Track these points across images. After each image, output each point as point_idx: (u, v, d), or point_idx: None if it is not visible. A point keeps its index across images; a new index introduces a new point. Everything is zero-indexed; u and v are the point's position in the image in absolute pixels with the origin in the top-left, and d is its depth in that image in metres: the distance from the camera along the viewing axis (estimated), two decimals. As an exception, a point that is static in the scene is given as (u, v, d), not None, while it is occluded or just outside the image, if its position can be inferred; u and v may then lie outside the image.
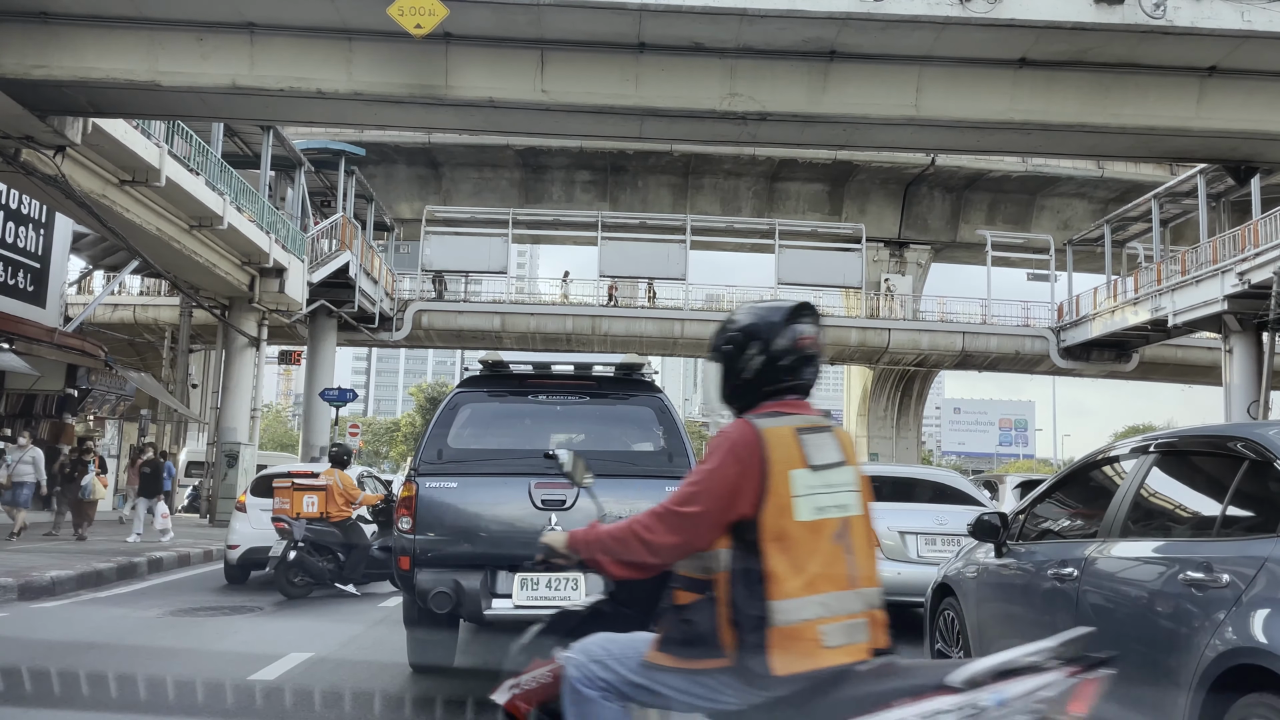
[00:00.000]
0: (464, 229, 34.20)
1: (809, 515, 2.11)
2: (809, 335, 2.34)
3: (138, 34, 12.15)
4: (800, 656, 2.00)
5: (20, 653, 6.50)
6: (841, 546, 2.15)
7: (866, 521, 2.27)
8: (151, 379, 25.39)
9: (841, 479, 2.20)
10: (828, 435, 2.23)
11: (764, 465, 2.10)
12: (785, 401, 2.29)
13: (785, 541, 2.07)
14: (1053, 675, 1.88)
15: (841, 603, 2.10)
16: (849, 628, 2.09)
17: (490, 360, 6.13)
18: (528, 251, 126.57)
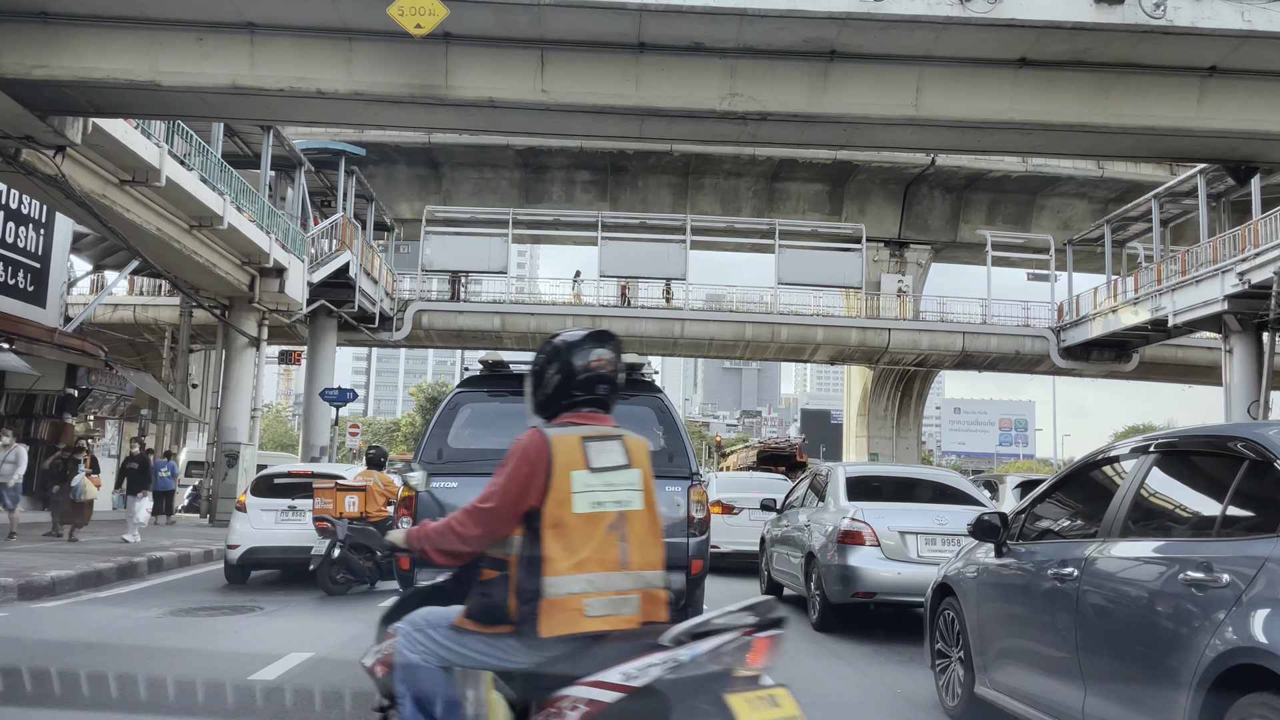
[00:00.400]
0: (464, 229, 34.21)
1: (585, 508, 2.54)
2: (603, 358, 2.76)
3: (138, 34, 12.15)
4: (564, 623, 2.45)
5: (20, 653, 6.50)
6: (616, 535, 2.56)
7: (647, 515, 2.64)
8: (151, 379, 25.40)
9: (623, 480, 2.61)
10: (614, 443, 2.67)
11: (549, 467, 2.54)
12: (580, 413, 2.74)
13: (561, 529, 2.51)
14: (733, 634, 2.35)
15: (608, 581, 2.52)
16: (613, 602, 2.51)
17: (490, 360, 6.14)
18: (528, 251, 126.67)
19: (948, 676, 5.30)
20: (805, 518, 9.44)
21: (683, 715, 2.27)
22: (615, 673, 2.32)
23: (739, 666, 2.35)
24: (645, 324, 32.63)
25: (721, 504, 13.30)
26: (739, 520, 13.29)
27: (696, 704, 2.27)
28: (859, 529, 8.03)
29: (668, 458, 5.77)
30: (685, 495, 5.53)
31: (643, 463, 2.69)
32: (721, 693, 2.30)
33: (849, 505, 8.49)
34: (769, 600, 2.53)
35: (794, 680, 6.38)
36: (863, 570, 7.89)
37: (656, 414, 5.93)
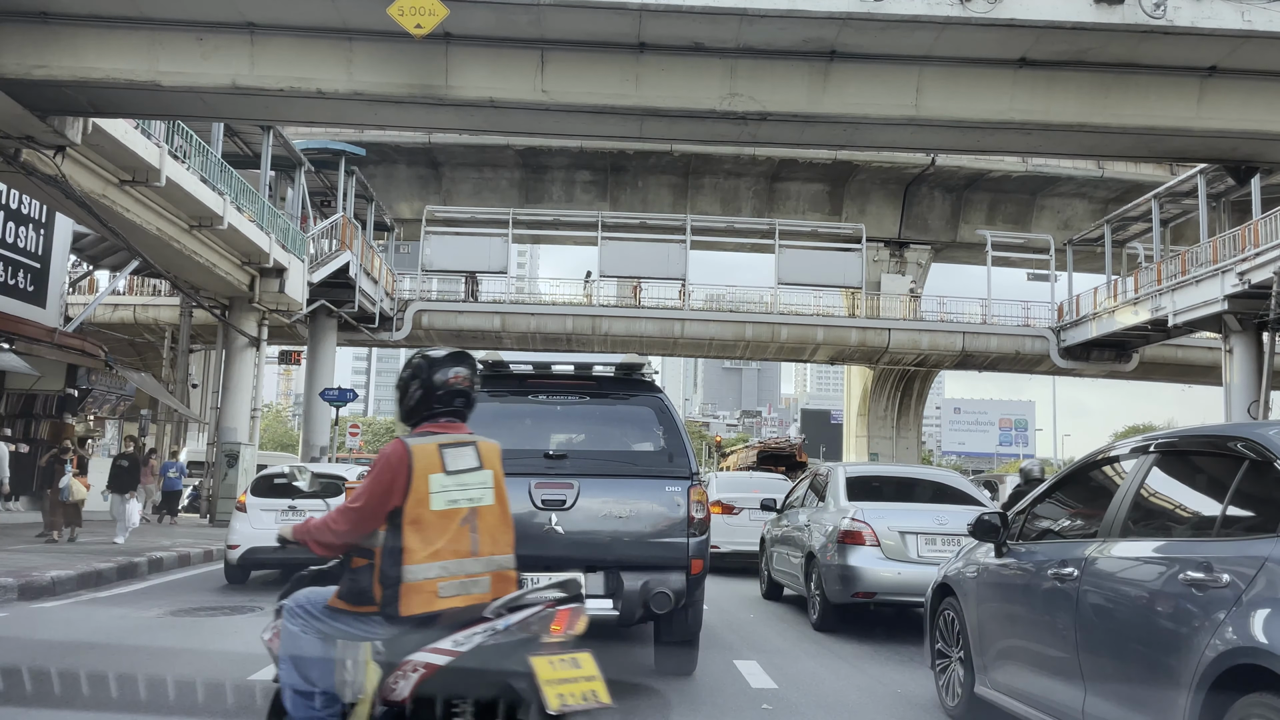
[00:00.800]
0: (464, 229, 34.22)
1: (441, 506, 2.96)
2: (460, 375, 3.17)
3: (138, 34, 12.15)
4: (420, 604, 2.88)
5: (20, 653, 6.50)
6: (468, 527, 2.99)
7: (498, 508, 3.10)
8: (151, 379, 25.39)
9: (475, 480, 3.04)
10: (468, 448, 3.07)
11: (409, 472, 2.94)
12: (439, 423, 3.14)
13: (420, 524, 2.92)
14: (539, 608, 2.84)
15: (460, 567, 2.95)
16: (464, 584, 2.95)
17: (490, 360, 6.13)
18: (528, 251, 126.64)
19: (948, 676, 5.30)
20: (805, 518, 9.44)
21: (498, 674, 2.75)
22: (448, 640, 2.78)
23: (545, 634, 2.83)
24: (645, 324, 32.63)
25: (721, 504, 13.30)
26: (739, 520, 13.29)
27: (508, 665, 2.76)
28: (859, 529, 8.03)
29: (668, 458, 5.77)
30: (685, 495, 5.52)
31: (494, 464, 3.14)
32: (528, 655, 2.76)
33: (849, 505, 8.49)
34: (574, 579, 3.08)
35: (794, 680, 6.40)
36: (863, 570, 7.89)
37: (656, 414, 5.92)
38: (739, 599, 10.69)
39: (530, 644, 2.80)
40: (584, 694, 2.75)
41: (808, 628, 8.58)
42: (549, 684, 2.69)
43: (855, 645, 7.67)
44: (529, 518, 5.38)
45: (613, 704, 2.88)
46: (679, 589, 5.40)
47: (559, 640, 2.85)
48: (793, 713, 5.37)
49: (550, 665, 2.75)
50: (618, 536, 5.43)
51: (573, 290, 35.77)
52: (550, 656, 2.78)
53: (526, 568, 5.34)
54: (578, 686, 2.76)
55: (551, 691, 2.69)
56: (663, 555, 5.44)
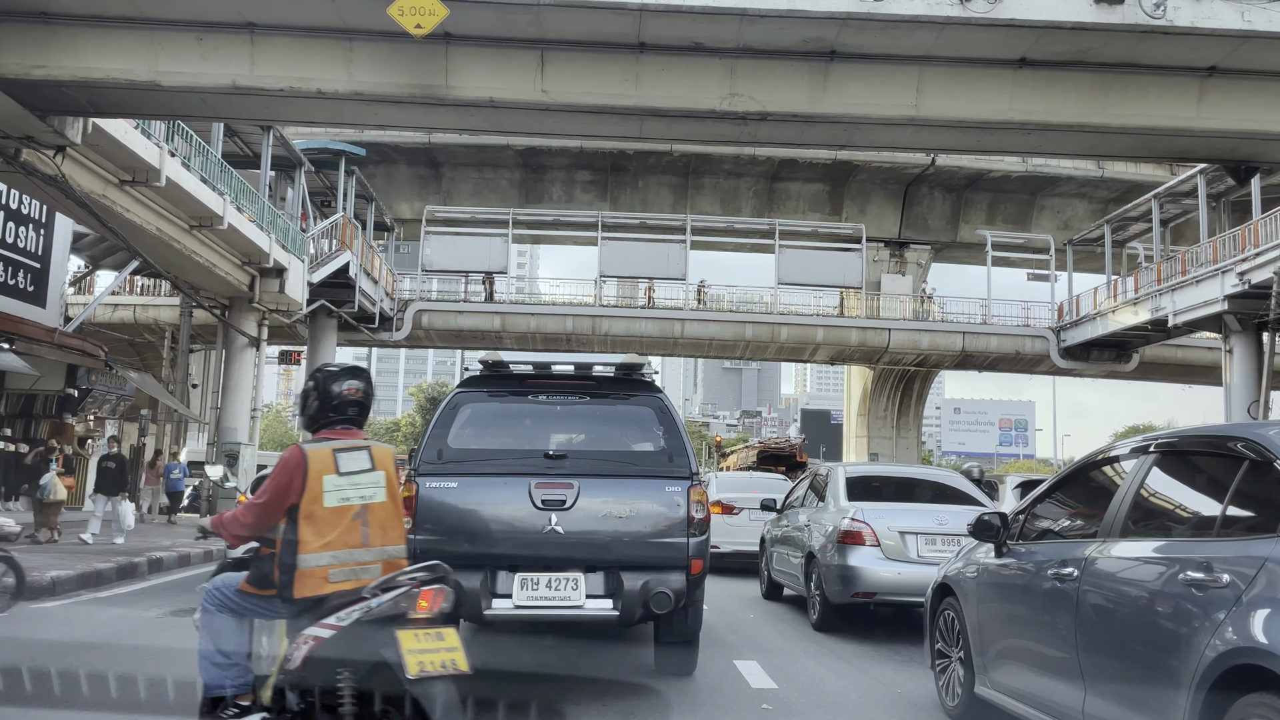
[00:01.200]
0: (464, 229, 34.21)
1: (334, 503, 3.40)
2: (353, 387, 3.61)
3: (138, 34, 12.14)
4: (311, 588, 3.32)
5: (20, 653, 6.50)
6: (359, 522, 3.43)
7: (389, 505, 3.53)
8: (151, 379, 25.38)
9: (367, 480, 3.48)
10: (362, 452, 3.52)
11: (305, 474, 3.39)
12: (336, 430, 3.58)
13: (313, 519, 3.38)
14: (406, 588, 3.28)
15: (351, 556, 3.40)
16: (354, 570, 3.39)
17: (490, 360, 6.13)
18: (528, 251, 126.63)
19: (948, 676, 5.30)
20: (805, 518, 9.44)
21: (371, 645, 3.18)
22: (333, 617, 3.25)
23: (412, 610, 3.27)
24: (645, 324, 32.63)
25: (721, 504, 13.30)
26: (739, 520, 13.29)
27: (379, 637, 3.17)
28: (859, 529, 8.03)
29: (668, 458, 5.76)
30: (685, 495, 5.52)
31: (386, 466, 3.57)
32: (396, 629, 3.20)
33: (849, 505, 8.49)
34: (438, 564, 3.48)
35: (794, 680, 6.40)
36: (863, 570, 7.89)
37: (656, 414, 5.92)
38: (739, 599, 10.69)
39: (399, 619, 3.24)
40: (443, 662, 3.19)
41: (808, 628, 8.58)
42: (411, 653, 3.14)
43: (855, 645, 7.67)
44: (529, 518, 5.37)
45: (470, 671, 3.29)
46: (679, 589, 5.40)
47: (425, 616, 3.28)
48: (793, 713, 5.37)
49: (415, 638, 3.19)
50: (618, 536, 5.43)
51: (573, 290, 35.75)
52: (416, 630, 3.22)
53: (527, 568, 5.37)
54: (438, 656, 3.20)
55: (412, 660, 3.13)
56: (663, 555, 5.44)
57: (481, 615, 5.35)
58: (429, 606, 3.30)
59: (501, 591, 5.37)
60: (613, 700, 5.45)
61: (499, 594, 5.36)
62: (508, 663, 6.65)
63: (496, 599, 5.35)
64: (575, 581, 5.39)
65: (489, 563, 5.38)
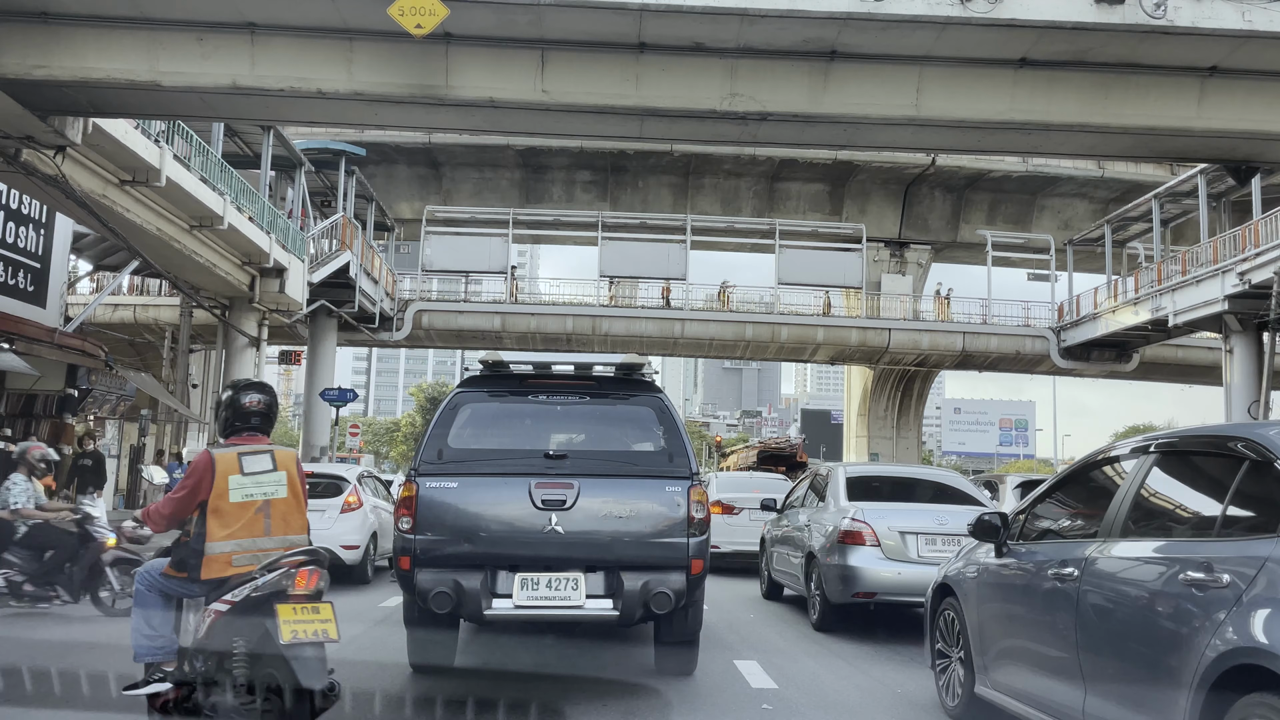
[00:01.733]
0: (464, 229, 34.20)
1: (238, 499, 4.06)
2: (257, 400, 4.32)
3: (138, 34, 12.14)
4: (215, 571, 4.00)
5: (20, 653, 6.50)
6: (262, 515, 4.07)
7: (291, 500, 4.18)
8: (151, 379, 25.38)
9: (270, 479, 4.13)
10: (265, 455, 4.17)
11: (212, 474, 4.06)
12: (243, 437, 4.27)
13: (219, 512, 4.03)
14: (285, 569, 3.87)
15: (253, 544, 4.03)
16: (256, 556, 4.00)
17: (490, 360, 6.13)
18: (528, 251, 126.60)
19: (948, 676, 5.30)
20: (805, 518, 9.44)
21: (258, 617, 3.80)
22: (231, 594, 3.90)
23: (291, 588, 3.88)
24: (645, 324, 32.63)
25: (721, 504, 13.30)
26: (739, 520, 13.29)
27: (263, 609, 3.81)
28: (859, 529, 8.03)
29: (668, 458, 5.76)
30: (685, 495, 5.52)
31: (288, 467, 4.22)
32: (276, 603, 3.81)
33: (849, 505, 8.49)
34: (317, 549, 4.09)
35: (794, 680, 6.41)
36: (863, 570, 7.89)
37: (656, 414, 5.92)
38: (739, 599, 10.69)
39: (281, 595, 3.85)
40: (315, 631, 3.78)
41: (808, 628, 8.58)
42: (286, 623, 3.75)
43: (855, 645, 7.67)
44: (529, 518, 5.37)
45: (338, 639, 3.87)
46: (679, 589, 5.40)
47: (303, 592, 3.89)
48: (793, 713, 5.37)
49: (292, 610, 3.81)
50: (618, 536, 5.43)
51: (573, 290, 35.74)
52: (294, 604, 3.83)
53: (527, 567, 5.38)
54: (311, 626, 3.79)
55: (286, 628, 3.74)
56: (663, 555, 5.44)
57: (481, 615, 5.36)
58: (306, 584, 3.92)
59: (501, 591, 5.37)
60: (613, 700, 5.45)
61: (499, 594, 5.36)
62: (508, 663, 6.65)
63: (496, 599, 5.35)
64: (575, 581, 5.39)
65: (489, 562, 5.39)
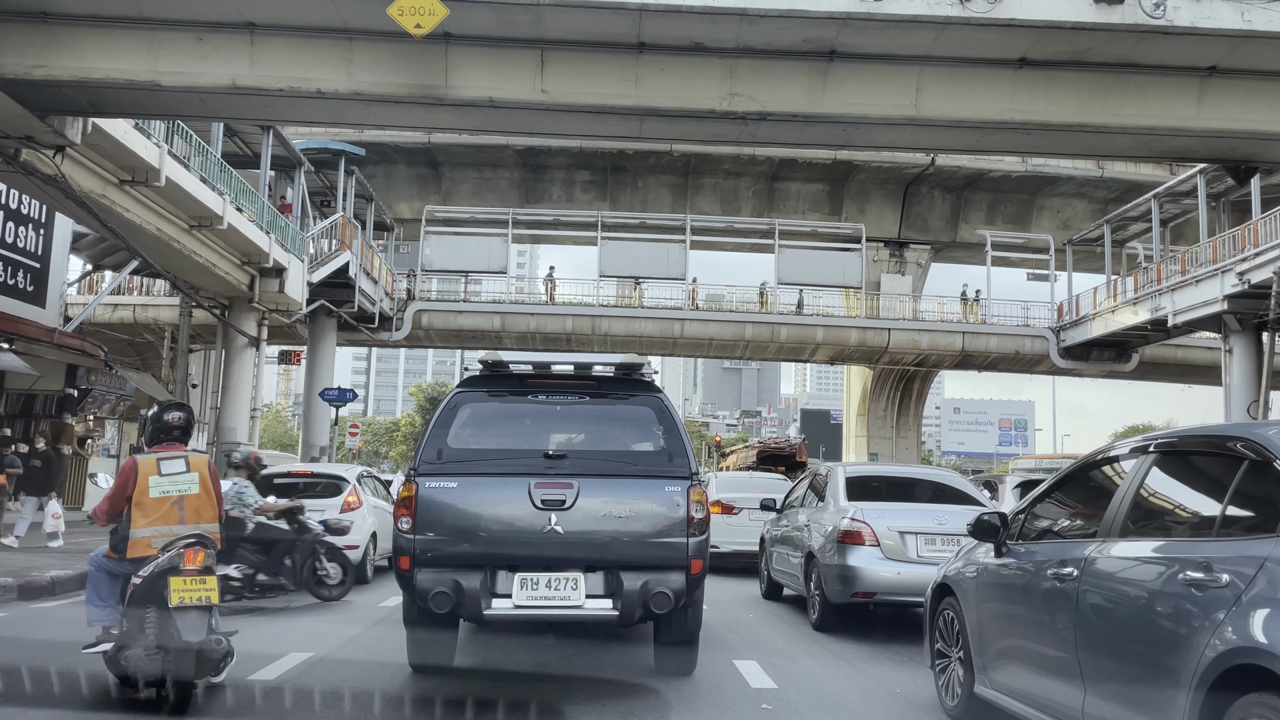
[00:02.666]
0: (464, 229, 34.21)
1: (157, 495, 5.08)
2: (175, 417, 5.39)
3: (137, 34, 12.14)
4: (138, 551, 4.99)
5: (20, 653, 6.50)
6: (177, 508, 5.09)
7: (202, 495, 5.19)
8: (151, 379, 25.38)
9: (184, 479, 5.14)
10: (180, 460, 5.20)
11: (135, 476, 5.10)
12: (164, 445, 5.31)
13: (141, 506, 5.05)
14: (176, 549, 4.87)
15: (170, 531, 5.04)
16: (169, 542, 4.98)
17: (490, 360, 6.13)
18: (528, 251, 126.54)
19: (947, 676, 5.30)
20: (805, 518, 9.44)
21: (158, 587, 4.82)
22: (144, 569, 4.90)
23: (182, 564, 4.84)
24: (645, 324, 32.62)
25: (721, 504, 13.30)
26: (739, 520, 13.29)
27: (162, 581, 4.81)
28: (859, 529, 8.03)
29: (667, 458, 5.76)
30: (685, 495, 5.52)
31: (200, 469, 5.24)
32: (169, 576, 4.81)
33: (849, 505, 8.49)
34: (203, 534, 5.10)
35: (794, 680, 6.40)
36: (862, 570, 7.89)
37: (656, 414, 5.92)
38: (739, 599, 10.70)
39: (174, 570, 4.83)
40: (199, 597, 4.79)
41: (808, 628, 8.58)
42: (175, 591, 4.76)
43: (855, 645, 7.67)
44: (529, 518, 5.37)
45: (220, 603, 4.97)
46: (679, 589, 5.40)
47: (192, 568, 4.83)
48: (792, 713, 5.37)
49: (182, 581, 4.80)
50: (617, 536, 5.43)
51: (573, 290, 35.76)
52: (184, 577, 4.81)
53: (527, 567, 5.38)
54: (196, 593, 4.79)
55: (175, 594, 4.75)
56: (662, 555, 5.44)
57: (481, 615, 5.36)
58: (194, 561, 4.85)
59: (501, 591, 5.37)
60: (612, 700, 5.45)
61: (499, 594, 5.37)
62: (508, 663, 6.65)
63: (496, 599, 5.35)
64: (575, 581, 5.39)
65: (489, 562, 5.39)
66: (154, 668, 4.71)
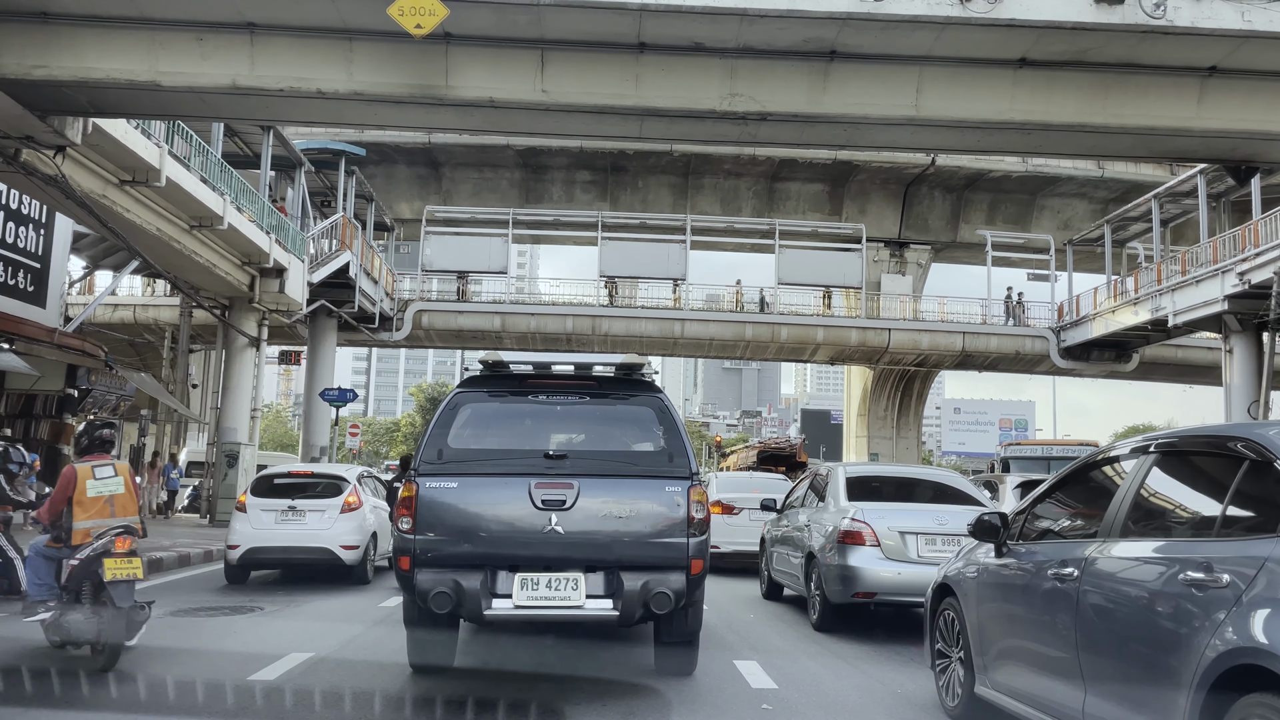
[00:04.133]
0: (464, 229, 34.20)
1: (93, 494, 6.32)
2: (104, 433, 6.67)
3: (138, 34, 12.13)
4: (78, 540, 6.21)
5: (20, 653, 6.50)
6: (109, 505, 6.34)
7: (126, 495, 6.44)
8: (151, 379, 25.37)
9: (113, 481, 6.39)
10: (109, 467, 6.45)
11: (75, 481, 6.34)
12: (95, 455, 6.54)
13: (80, 504, 6.28)
14: (109, 537, 6.23)
15: (104, 524, 6.27)
16: (105, 531, 6.21)
17: (490, 360, 6.13)
18: (528, 251, 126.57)
19: (948, 676, 5.30)
20: (805, 518, 9.44)
21: (94, 565, 6.02)
22: (82, 552, 6.08)
23: (114, 548, 6.11)
24: (645, 324, 32.62)
25: (721, 504, 13.30)
26: (739, 520, 13.29)
27: (97, 561, 6.04)
28: (859, 529, 8.03)
29: (668, 458, 5.76)
30: (685, 495, 5.52)
31: (124, 474, 6.51)
32: (104, 557, 6.07)
33: (849, 505, 8.49)
34: (130, 524, 6.39)
35: (794, 680, 6.41)
36: (863, 570, 7.89)
37: (656, 414, 5.92)
38: (739, 599, 10.69)
39: (108, 552, 6.08)
40: (127, 574, 6.08)
41: (808, 628, 8.58)
42: (109, 568, 6.03)
43: (855, 645, 7.67)
44: (529, 518, 5.37)
45: (144, 577, 6.32)
46: (679, 589, 5.40)
47: (121, 551, 6.12)
48: (793, 713, 5.37)
49: (114, 561, 6.07)
50: (618, 536, 5.43)
51: (573, 290, 35.76)
52: (115, 558, 6.08)
53: (527, 567, 5.38)
54: (125, 570, 6.08)
55: (109, 571, 6.02)
56: (663, 555, 5.44)
57: (481, 615, 5.35)
58: (123, 545, 6.16)
59: (501, 591, 5.37)
60: (613, 700, 5.45)
61: (499, 594, 5.37)
62: (508, 663, 6.65)
63: (496, 599, 5.35)
64: (575, 581, 5.39)
65: (489, 562, 5.39)
66: (90, 629, 5.94)
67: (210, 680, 5.68)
